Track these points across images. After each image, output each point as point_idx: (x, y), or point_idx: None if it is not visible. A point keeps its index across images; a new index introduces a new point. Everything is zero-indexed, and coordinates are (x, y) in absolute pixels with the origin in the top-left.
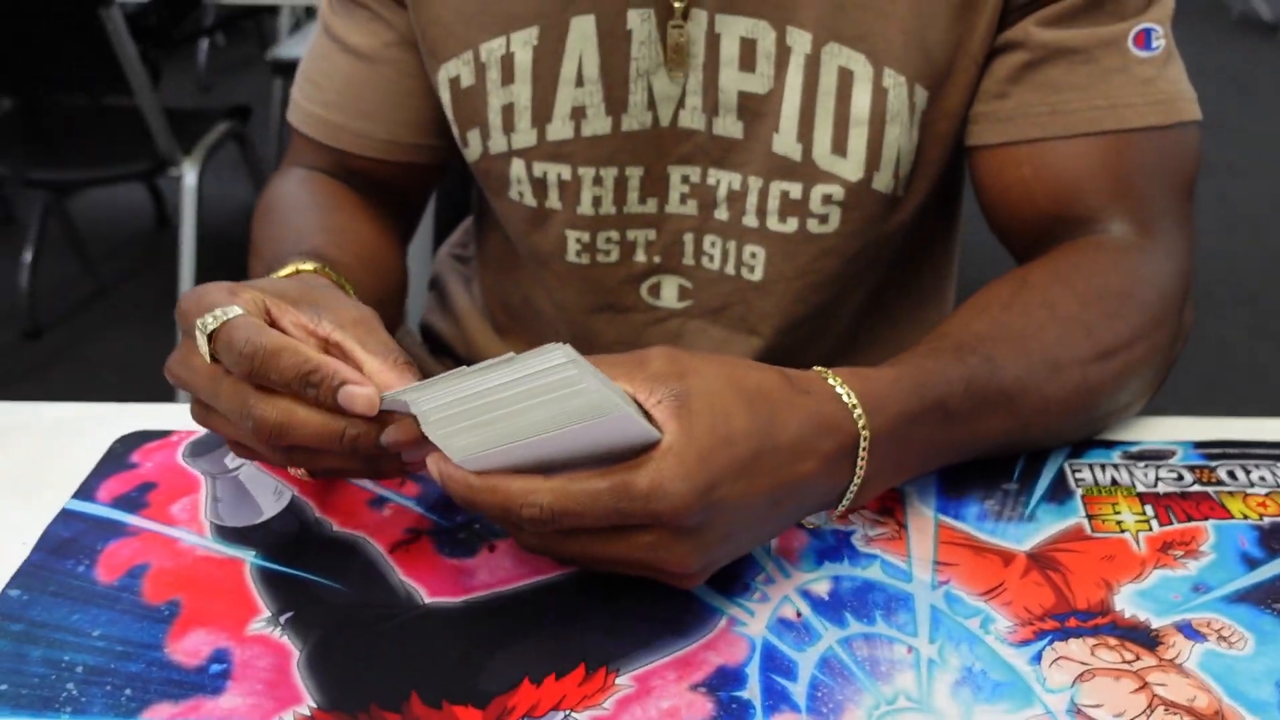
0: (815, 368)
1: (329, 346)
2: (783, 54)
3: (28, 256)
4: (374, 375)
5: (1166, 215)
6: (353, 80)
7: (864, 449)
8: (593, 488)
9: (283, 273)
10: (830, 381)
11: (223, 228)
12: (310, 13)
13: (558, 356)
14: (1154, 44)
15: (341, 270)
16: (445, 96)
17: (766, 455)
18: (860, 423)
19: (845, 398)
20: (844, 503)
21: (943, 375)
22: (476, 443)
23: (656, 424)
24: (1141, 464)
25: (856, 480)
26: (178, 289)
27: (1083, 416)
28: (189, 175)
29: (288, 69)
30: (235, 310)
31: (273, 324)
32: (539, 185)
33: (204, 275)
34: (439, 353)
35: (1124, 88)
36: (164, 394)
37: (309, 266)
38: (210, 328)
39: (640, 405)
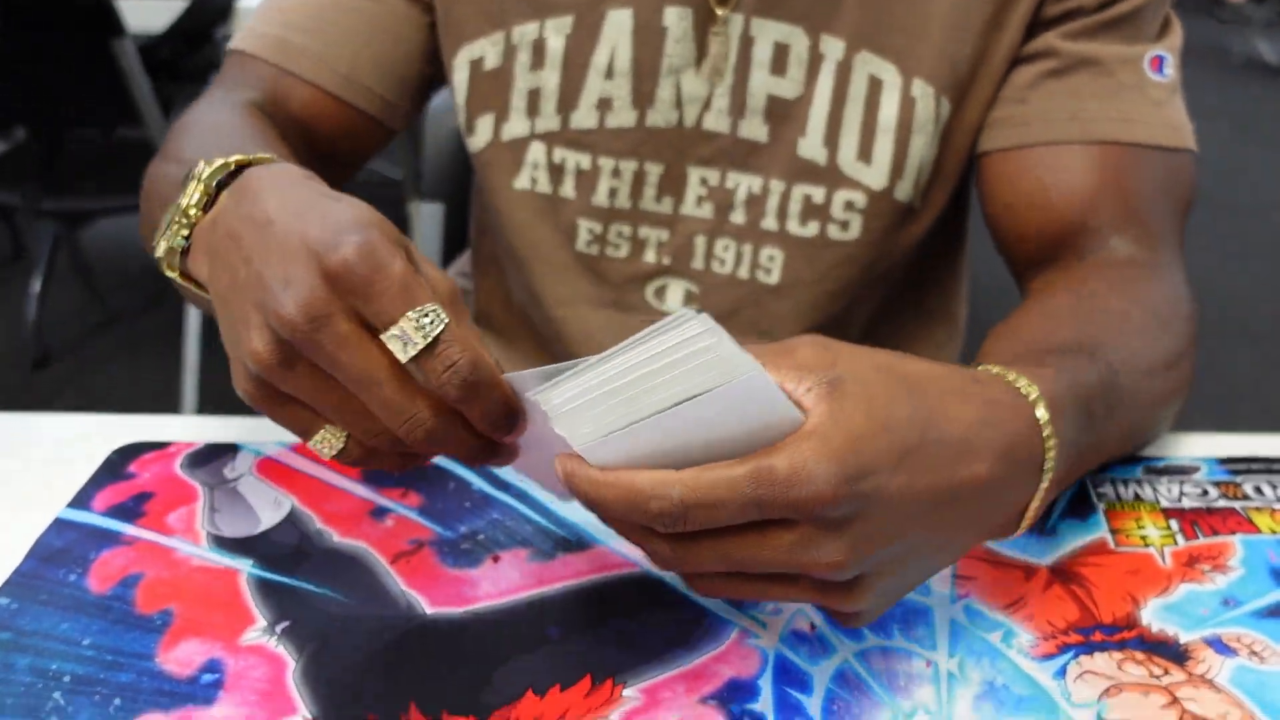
0: (981, 365)
1: None
2: (815, 60)
3: (36, 288)
4: None
5: (1168, 237)
6: (328, 6)
7: (1050, 446)
8: (728, 475)
9: (237, 158)
10: (1010, 376)
11: None
12: None
13: (694, 326)
14: (1165, 71)
15: None
16: (461, 77)
17: (930, 448)
18: (1044, 418)
19: (1023, 389)
20: (1034, 505)
21: (1085, 376)
22: (604, 426)
23: (805, 411)
24: (1165, 479)
25: (1045, 479)
26: (184, 320)
27: (1154, 428)
28: None
29: None
30: (438, 311)
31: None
32: (556, 171)
33: None
34: None
35: (1138, 105)
36: None
37: (271, 157)
38: (432, 332)
39: (789, 395)
